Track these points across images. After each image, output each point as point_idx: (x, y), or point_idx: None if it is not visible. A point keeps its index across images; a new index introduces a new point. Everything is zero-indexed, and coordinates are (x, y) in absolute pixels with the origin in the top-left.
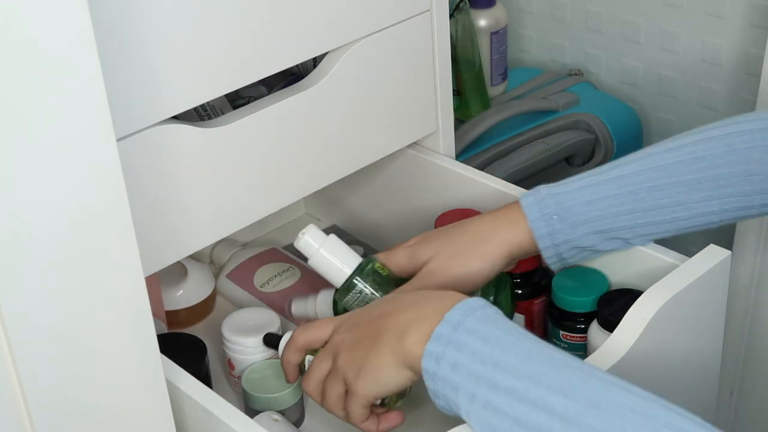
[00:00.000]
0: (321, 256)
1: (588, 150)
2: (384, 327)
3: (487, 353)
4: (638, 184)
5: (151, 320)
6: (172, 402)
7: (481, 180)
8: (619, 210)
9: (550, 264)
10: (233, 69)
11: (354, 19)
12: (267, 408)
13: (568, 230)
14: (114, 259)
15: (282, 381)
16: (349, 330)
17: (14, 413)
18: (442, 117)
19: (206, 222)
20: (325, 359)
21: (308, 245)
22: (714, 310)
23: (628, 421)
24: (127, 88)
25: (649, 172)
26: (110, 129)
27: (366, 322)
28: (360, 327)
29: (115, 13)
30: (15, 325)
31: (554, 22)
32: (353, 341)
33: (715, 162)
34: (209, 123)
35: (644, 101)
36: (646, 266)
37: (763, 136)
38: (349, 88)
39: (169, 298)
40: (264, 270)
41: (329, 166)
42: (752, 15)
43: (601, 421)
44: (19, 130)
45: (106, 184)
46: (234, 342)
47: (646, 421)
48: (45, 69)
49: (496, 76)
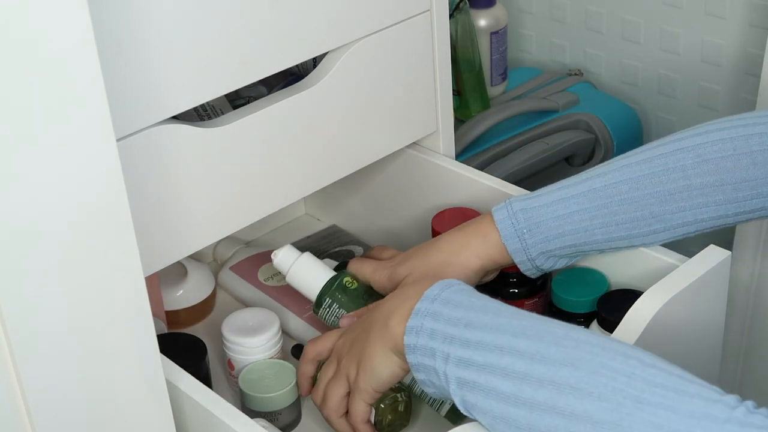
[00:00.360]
0: (294, 273)
1: (588, 150)
2: (373, 318)
3: (459, 317)
4: (610, 197)
5: (151, 320)
6: (172, 402)
7: (481, 180)
8: (592, 224)
9: (529, 274)
10: (233, 69)
11: (354, 19)
12: (263, 408)
13: (541, 244)
14: (114, 259)
15: (278, 381)
16: (348, 333)
17: (14, 413)
18: (442, 117)
19: (206, 222)
20: (330, 364)
21: (282, 264)
22: (714, 310)
23: (585, 352)
24: (127, 88)
25: (621, 185)
26: (110, 129)
27: (361, 322)
28: (357, 327)
29: (115, 13)
30: (15, 325)
31: (554, 22)
32: (352, 341)
33: (687, 173)
34: (209, 123)
35: (644, 101)
36: (646, 266)
37: (734, 145)
38: (349, 88)
39: (169, 298)
40: (269, 266)
41: (329, 166)
42: (752, 15)
43: (561, 354)
44: (19, 130)
45: (106, 184)
46: (234, 342)
47: (603, 351)
48: (45, 69)
49: (496, 76)
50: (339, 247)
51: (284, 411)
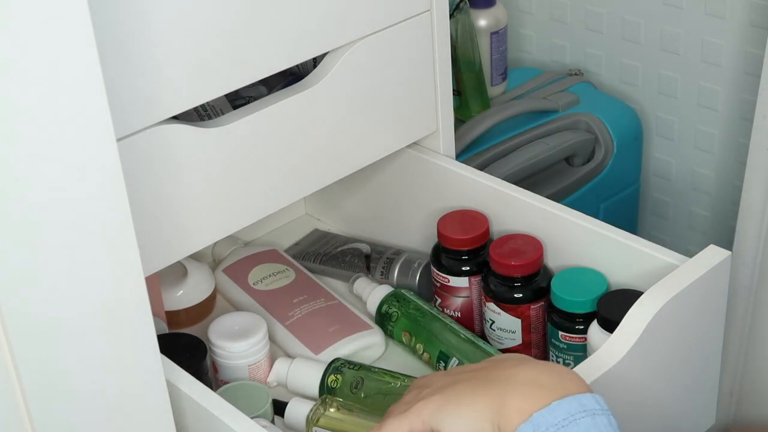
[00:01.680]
0: (290, 384)
1: (588, 150)
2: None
3: None
4: None
5: (151, 320)
6: (172, 402)
7: (481, 180)
8: None
9: None
10: (233, 69)
11: (354, 19)
12: None
13: None
14: (114, 259)
15: (250, 402)
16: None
17: (14, 413)
18: (442, 117)
19: (206, 222)
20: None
21: (278, 375)
22: (714, 310)
23: None
24: (127, 88)
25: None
26: (110, 129)
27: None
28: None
29: (115, 13)
30: (15, 325)
31: (554, 22)
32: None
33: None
34: (209, 123)
35: (644, 101)
36: (646, 266)
37: None
38: (349, 88)
39: (169, 298)
40: (260, 269)
41: (329, 166)
42: (752, 15)
43: None
44: (19, 130)
45: (106, 184)
46: (217, 346)
47: None
48: (45, 69)
49: (496, 76)
50: (341, 246)
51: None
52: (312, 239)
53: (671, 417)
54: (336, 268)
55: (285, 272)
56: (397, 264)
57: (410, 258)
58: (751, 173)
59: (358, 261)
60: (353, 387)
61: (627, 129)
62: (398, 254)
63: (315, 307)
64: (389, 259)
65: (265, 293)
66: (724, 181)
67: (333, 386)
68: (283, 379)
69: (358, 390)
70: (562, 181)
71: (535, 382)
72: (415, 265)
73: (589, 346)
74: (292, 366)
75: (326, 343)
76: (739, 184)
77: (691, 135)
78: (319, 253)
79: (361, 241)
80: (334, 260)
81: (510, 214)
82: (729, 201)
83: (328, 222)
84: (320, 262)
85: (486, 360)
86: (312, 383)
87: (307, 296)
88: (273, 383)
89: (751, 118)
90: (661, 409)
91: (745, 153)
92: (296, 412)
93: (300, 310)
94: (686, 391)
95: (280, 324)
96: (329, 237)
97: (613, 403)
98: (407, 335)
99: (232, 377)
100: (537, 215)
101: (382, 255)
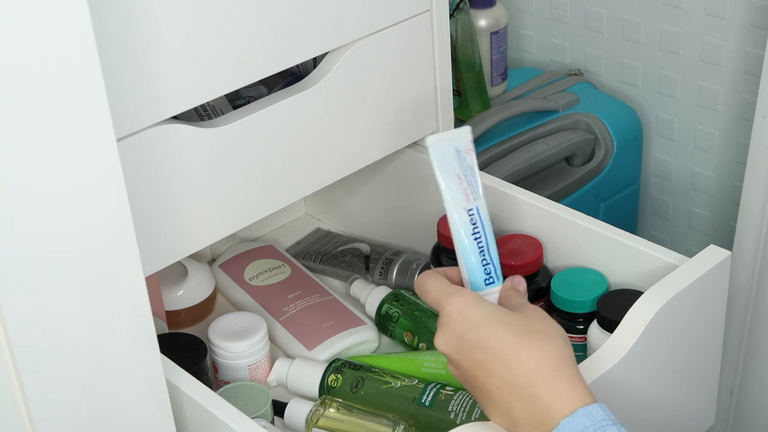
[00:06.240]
0: (290, 384)
1: (588, 150)
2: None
3: None
4: None
5: (151, 320)
6: (172, 402)
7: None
8: None
9: None
10: (233, 69)
11: (354, 19)
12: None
13: None
14: (114, 259)
15: (250, 403)
16: None
17: (14, 413)
18: (442, 117)
19: (206, 222)
20: None
21: (278, 375)
22: (714, 310)
23: None
24: (127, 88)
25: None
26: (110, 129)
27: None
28: None
29: (115, 13)
30: (15, 325)
31: (554, 22)
32: None
33: None
34: (209, 123)
35: (644, 101)
36: (646, 266)
37: None
38: (350, 88)
39: (169, 298)
40: (256, 264)
41: (329, 166)
42: (752, 15)
43: None
44: (19, 131)
45: (106, 184)
46: (217, 346)
47: None
48: (45, 69)
49: (496, 76)
50: (341, 246)
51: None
52: (313, 238)
53: (671, 417)
54: (335, 268)
55: (281, 268)
56: (396, 265)
57: (409, 259)
58: (751, 173)
59: (357, 261)
60: (353, 387)
61: (627, 129)
62: (397, 255)
63: (309, 303)
64: (388, 260)
65: (260, 289)
66: (724, 181)
67: (333, 386)
68: (283, 379)
69: (358, 390)
70: (562, 181)
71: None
72: (414, 266)
73: (589, 346)
74: (292, 366)
75: (320, 338)
76: (739, 184)
77: (691, 135)
78: (319, 253)
79: (362, 241)
80: (334, 260)
81: (510, 214)
82: (729, 201)
83: (329, 222)
84: (320, 262)
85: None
86: (312, 383)
87: (302, 292)
88: (273, 383)
89: (751, 118)
90: (661, 409)
91: (745, 153)
92: (296, 412)
93: (295, 305)
94: (686, 391)
95: (274, 319)
96: (330, 236)
97: (613, 403)
98: (409, 335)
99: (232, 377)
100: (537, 215)
101: (381, 255)
